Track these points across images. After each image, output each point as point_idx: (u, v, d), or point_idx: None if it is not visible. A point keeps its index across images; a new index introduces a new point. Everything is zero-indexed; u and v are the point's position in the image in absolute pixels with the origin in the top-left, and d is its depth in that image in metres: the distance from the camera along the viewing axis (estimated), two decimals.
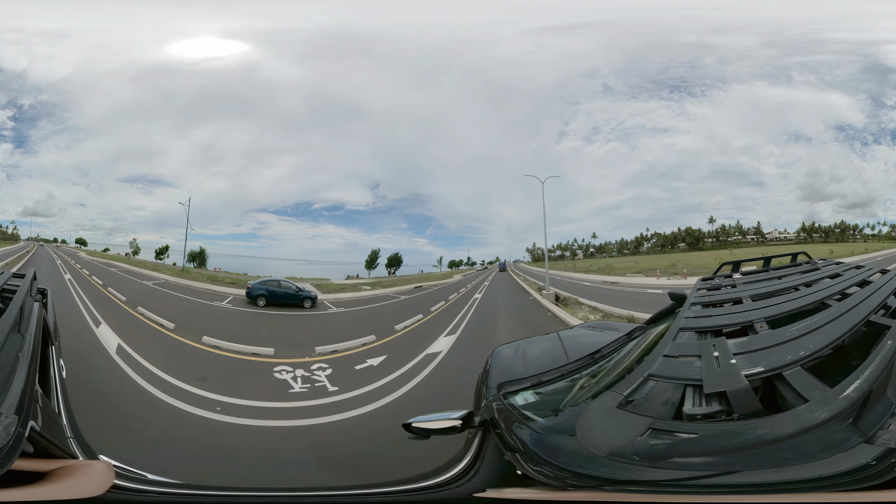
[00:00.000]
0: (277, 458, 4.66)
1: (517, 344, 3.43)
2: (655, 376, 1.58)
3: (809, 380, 1.36)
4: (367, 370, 8.04)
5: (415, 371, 7.83)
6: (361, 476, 4.25)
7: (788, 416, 1.25)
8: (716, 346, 1.66)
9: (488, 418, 1.98)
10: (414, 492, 1.94)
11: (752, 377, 1.41)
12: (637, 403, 1.49)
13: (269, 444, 5.10)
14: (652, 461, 1.28)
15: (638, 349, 2.30)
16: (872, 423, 1.19)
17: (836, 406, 1.21)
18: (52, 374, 2.44)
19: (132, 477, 2.21)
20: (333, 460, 4.66)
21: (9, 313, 1.99)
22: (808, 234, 29.25)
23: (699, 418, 1.36)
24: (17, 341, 1.82)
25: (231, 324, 12.28)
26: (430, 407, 4.35)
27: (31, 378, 1.60)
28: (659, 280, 21.99)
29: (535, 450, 1.54)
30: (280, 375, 7.65)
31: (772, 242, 29.44)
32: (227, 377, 7.62)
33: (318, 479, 4.28)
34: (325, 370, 7.91)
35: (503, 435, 1.74)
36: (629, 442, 1.33)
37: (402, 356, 8.69)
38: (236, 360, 8.67)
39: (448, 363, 8.37)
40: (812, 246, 26.60)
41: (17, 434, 1.30)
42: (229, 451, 4.81)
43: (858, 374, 1.29)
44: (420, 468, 2.09)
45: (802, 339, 1.58)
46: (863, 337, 1.62)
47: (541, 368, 2.45)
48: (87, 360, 7.35)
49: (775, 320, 1.89)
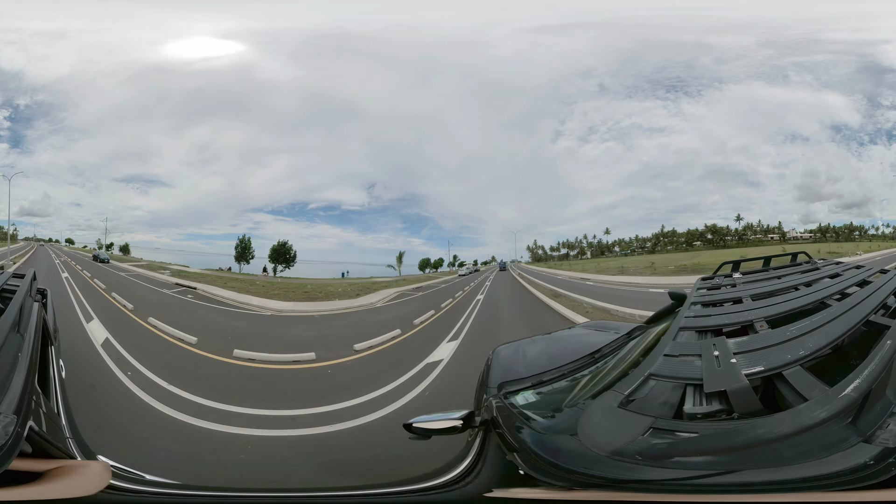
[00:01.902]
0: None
1: (517, 343, 3.43)
2: (656, 375, 1.58)
3: (809, 379, 1.37)
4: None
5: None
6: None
7: (788, 415, 1.26)
8: (716, 345, 1.66)
9: (489, 418, 1.99)
10: (417, 492, 1.94)
11: (752, 376, 1.42)
12: (638, 403, 1.49)
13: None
14: (654, 460, 1.29)
15: (638, 348, 2.30)
16: (871, 423, 1.20)
17: (835, 405, 1.22)
18: (52, 375, 2.44)
19: (129, 477, 2.20)
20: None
21: (8, 313, 1.98)
22: (822, 234, 29.28)
23: (700, 417, 1.37)
24: (17, 341, 1.82)
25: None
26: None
27: (30, 378, 1.60)
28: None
29: (536, 450, 1.54)
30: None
31: (791, 241, 29.42)
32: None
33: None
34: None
35: (504, 435, 1.74)
36: (631, 441, 1.34)
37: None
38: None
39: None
40: (832, 245, 26.60)
41: (16, 434, 1.30)
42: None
43: (858, 374, 1.30)
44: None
45: (802, 338, 1.59)
46: (862, 336, 1.62)
47: (541, 368, 2.45)
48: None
49: (775, 320, 1.89)
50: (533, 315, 13.65)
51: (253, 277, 22.66)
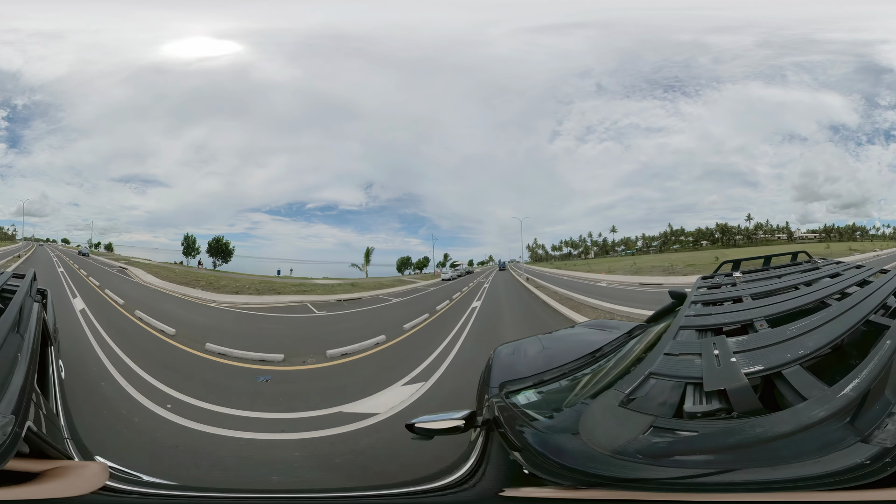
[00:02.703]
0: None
1: (518, 343, 3.44)
2: (656, 374, 1.59)
3: (808, 378, 1.37)
4: None
5: None
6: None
7: (787, 414, 1.26)
8: (716, 344, 1.67)
9: (491, 418, 1.99)
10: (422, 493, 1.94)
11: (752, 375, 1.43)
12: (638, 401, 1.50)
13: None
14: (655, 459, 1.29)
15: (639, 347, 2.31)
16: (869, 423, 1.21)
17: (833, 405, 1.23)
18: (51, 375, 2.44)
19: (126, 478, 2.20)
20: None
21: (8, 313, 1.98)
22: (827, 234, 29.33)
23: (699, 416, 1.37)
24: (16, 341, 1.82)
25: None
26: None
27: (29, 378, 1.60)
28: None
29: (539, 449, 1.55)
30: None
31: (798, 241, 29.44)
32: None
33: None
34: None
35: (507, 434, 1.75)
36: (632, 440, 1.34)
37: None
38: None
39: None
40: (851, 243, 26.69)
41: (14, 434, 1.30)
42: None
43: (857, 374, 1.30)
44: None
45: (802, 337, 1.59)
46: (862, 336, 1.63)
47: (542, 367, 2.46)
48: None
49: (775, 319, 1.90)
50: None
51: (189, 269, 24.69)
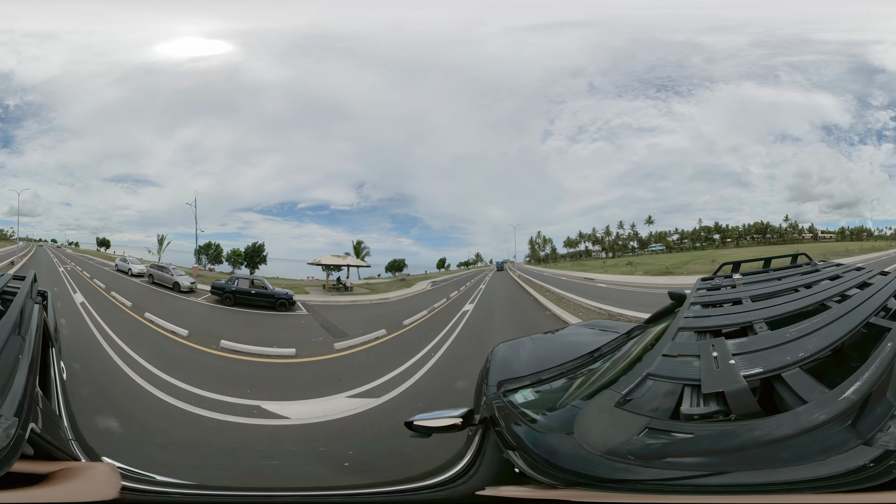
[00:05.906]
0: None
1: (517, 342, 3.43)
2: (654, 376, 1.57)
3: (808, 381, 1.36)
4: None
5: None
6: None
7: (786, 417, 1.25)
8: (715, 346, 1.66)
9: (488, 416, 1.99)
10: (416, 491, 1.95)
11: (751, 378, 1.41)
12: (635, 402, 1.49)
13: None
14: (646, 460, 1.28)
15: (637, 348, 2.30)
16: (871, 425, 1.19)
17: (835, 408, 1.21)
18: (53, 376, 2.44)
19: (138, 478, 2.20)
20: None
21: (9, 315, 1.98)
22: (841, 235, 29.54)
23: (696, 418, 1.36)
24: (18, 343, 1.82)
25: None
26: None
27: (31, 380, 1.60)
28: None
29: (532, 448, 1.54)
30: None
31: (820, 240, 29.59)
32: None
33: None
34: None
35: (503, 433, 1.74)
36: (625, 441, 1.33)
37: None
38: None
39: None
40: (877, 242, 26.71)
41: (17, 436, 1.30)
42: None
43: (858, 376, 1.29)
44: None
45: (802, 340, 1.58)
46: (863, 339, 1.61)
47: (541, 366, 2.45)
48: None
49: (775, 321, 1.88)
50: None
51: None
